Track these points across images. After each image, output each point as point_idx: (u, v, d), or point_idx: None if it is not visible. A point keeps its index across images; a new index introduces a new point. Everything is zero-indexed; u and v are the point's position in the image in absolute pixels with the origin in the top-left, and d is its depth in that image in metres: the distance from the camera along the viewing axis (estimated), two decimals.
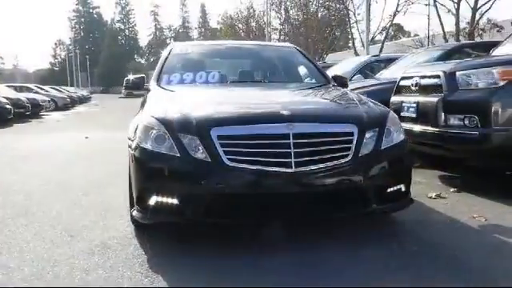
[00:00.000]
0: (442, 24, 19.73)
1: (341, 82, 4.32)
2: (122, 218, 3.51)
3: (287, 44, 5.25)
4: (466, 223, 3.27)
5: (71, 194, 4.36)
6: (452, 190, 4.24)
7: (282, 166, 2.66)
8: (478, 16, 18.48)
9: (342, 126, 2.87)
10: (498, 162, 4.34)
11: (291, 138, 2.68)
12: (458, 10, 18.80)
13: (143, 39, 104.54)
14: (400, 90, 5.03)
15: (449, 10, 19.28)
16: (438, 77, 4.36)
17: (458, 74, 4.21)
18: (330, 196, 2.78)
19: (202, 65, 4.40)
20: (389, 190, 2.91)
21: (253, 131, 2.73)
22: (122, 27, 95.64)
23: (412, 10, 36.57)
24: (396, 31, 50.79)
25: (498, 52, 5.38)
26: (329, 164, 2.72)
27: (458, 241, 2.95)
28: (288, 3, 33.56)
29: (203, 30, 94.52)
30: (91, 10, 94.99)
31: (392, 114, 3.18)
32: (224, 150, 2.68)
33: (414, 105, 4.59)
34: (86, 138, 9.40)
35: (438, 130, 4.22)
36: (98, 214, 3.65)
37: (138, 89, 4.19)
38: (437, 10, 19.58)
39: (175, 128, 2.81)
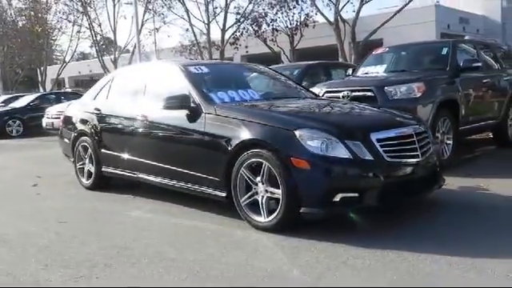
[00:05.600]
0: (197, 42, 21.94)
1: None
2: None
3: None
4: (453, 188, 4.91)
5: None
6: None
7: (415, 157, 3.70)
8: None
9: (424, 127, 4.07)
10: None
11: (415, 136, 3.75)
12: (208, 30, 21.34)
13: None
14: None
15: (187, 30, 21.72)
16: (370, 90, 5.93)
17: (385, 88, 5.87)
18: (428, 177, 3.94)
19: (227, 83, 4.74)
20: (438, 170, 4.27)
21: (397, 133, 3.68)
22: None
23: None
24: (107, 44, 51.26)
25: (361, 72, 7.40)
26: (429, 153, 3.89)
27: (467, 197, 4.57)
28: None
29: None
30: None
31: None
32: (383, 150, 3.53)
33: None
34: None
35: None
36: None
37: (186, 108, 4.23)
38: (192, 29, 21.65)
39: (341, 135, 3.47)
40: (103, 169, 5.40)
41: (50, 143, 11.62)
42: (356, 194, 3.42)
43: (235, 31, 23.37)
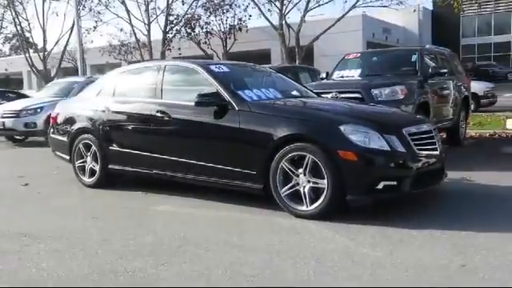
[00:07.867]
0: (137, 40, 21.60)
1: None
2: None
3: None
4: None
5: None
6: None
7: (435, 150, 4.21)
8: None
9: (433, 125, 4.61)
10: None
11: (433, 132, 4.27)
12: (149, 31, 21.12)
13: None
14: None
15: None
16: (358, 92, 6.44)
17: (372, 90, 6.42)
18: (440, 168, 4.46)
19: (247, 82, 4.97)
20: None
21: (423, 129, 4.18)
22: None
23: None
24: (22, 42, 47.99)
25: (336, 75, 7.95)
26: (441, 147, 4.43)
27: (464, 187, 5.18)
28: None
29: None
30: None
31: None
32: (414, 143, 3.99)
33: None
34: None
35: None
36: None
37: (217, 105, 4.40)
38: (133, 29, 21.24)
39: (380, 129, 3.89)
40: (110, 166, 5.38)
41: (3, 144, 11.01)
42: (395, 183, 3.85)
43: (168, 32, 23.31)
